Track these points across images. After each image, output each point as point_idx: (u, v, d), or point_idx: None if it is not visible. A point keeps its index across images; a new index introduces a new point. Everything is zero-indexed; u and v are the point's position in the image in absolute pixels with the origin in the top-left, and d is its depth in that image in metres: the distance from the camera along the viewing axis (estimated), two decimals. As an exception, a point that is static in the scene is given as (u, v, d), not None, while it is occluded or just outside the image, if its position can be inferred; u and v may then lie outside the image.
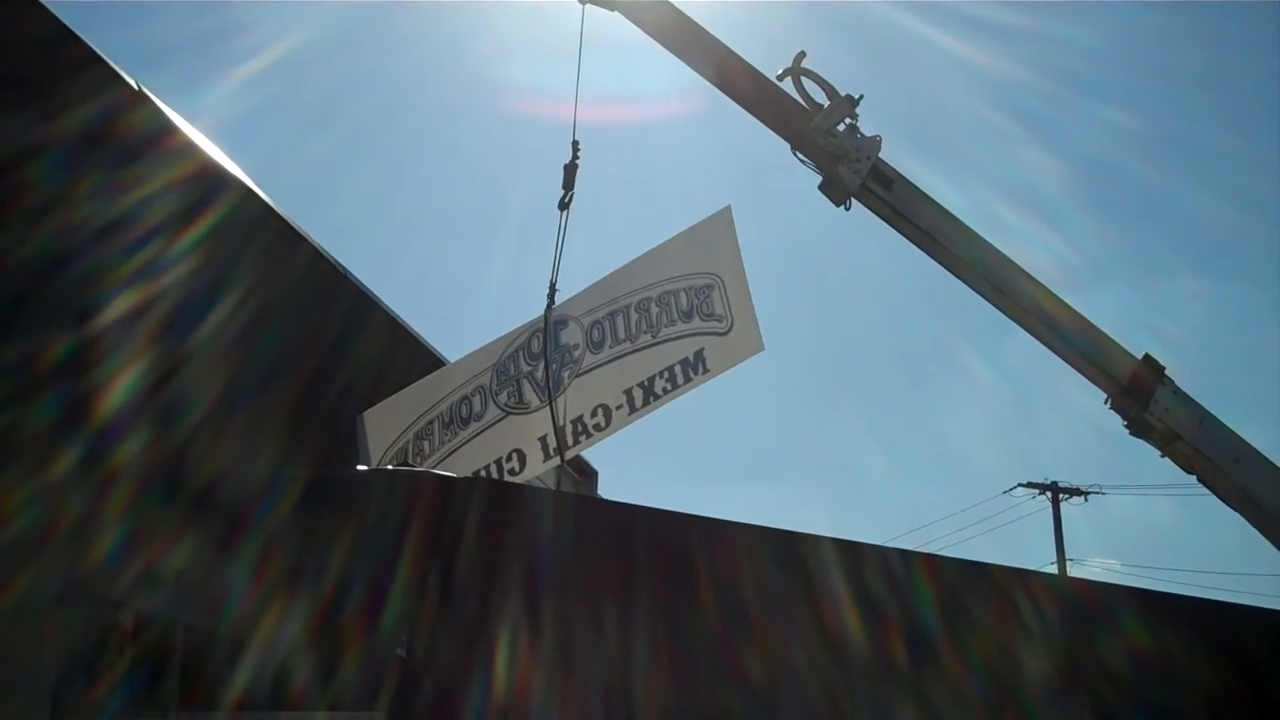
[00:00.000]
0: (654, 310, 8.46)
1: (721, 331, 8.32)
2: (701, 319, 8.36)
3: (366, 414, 9.13)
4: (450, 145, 44.54)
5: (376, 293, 9.65)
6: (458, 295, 50.82)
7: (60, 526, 8.62)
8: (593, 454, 17.97)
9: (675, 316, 8.42)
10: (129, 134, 7.15)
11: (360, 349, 8.86)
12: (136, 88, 7.30)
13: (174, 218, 7.61)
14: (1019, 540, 49.90)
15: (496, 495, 7.49)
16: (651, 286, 8.54)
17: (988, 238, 8.96)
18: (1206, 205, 49.01)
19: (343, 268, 9.12)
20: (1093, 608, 6.58)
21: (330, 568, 7.62)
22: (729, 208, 8.61)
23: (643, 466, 52.52)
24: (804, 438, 63.64)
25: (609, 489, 19.79)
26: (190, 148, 7.50)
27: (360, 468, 8.65)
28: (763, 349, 8.32)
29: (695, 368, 8.33)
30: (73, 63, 6.95)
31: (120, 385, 8.64)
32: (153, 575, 9.65)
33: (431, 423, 8.89)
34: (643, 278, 8.59)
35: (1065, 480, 35.31)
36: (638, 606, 6.54)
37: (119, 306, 7.88)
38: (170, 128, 7.35)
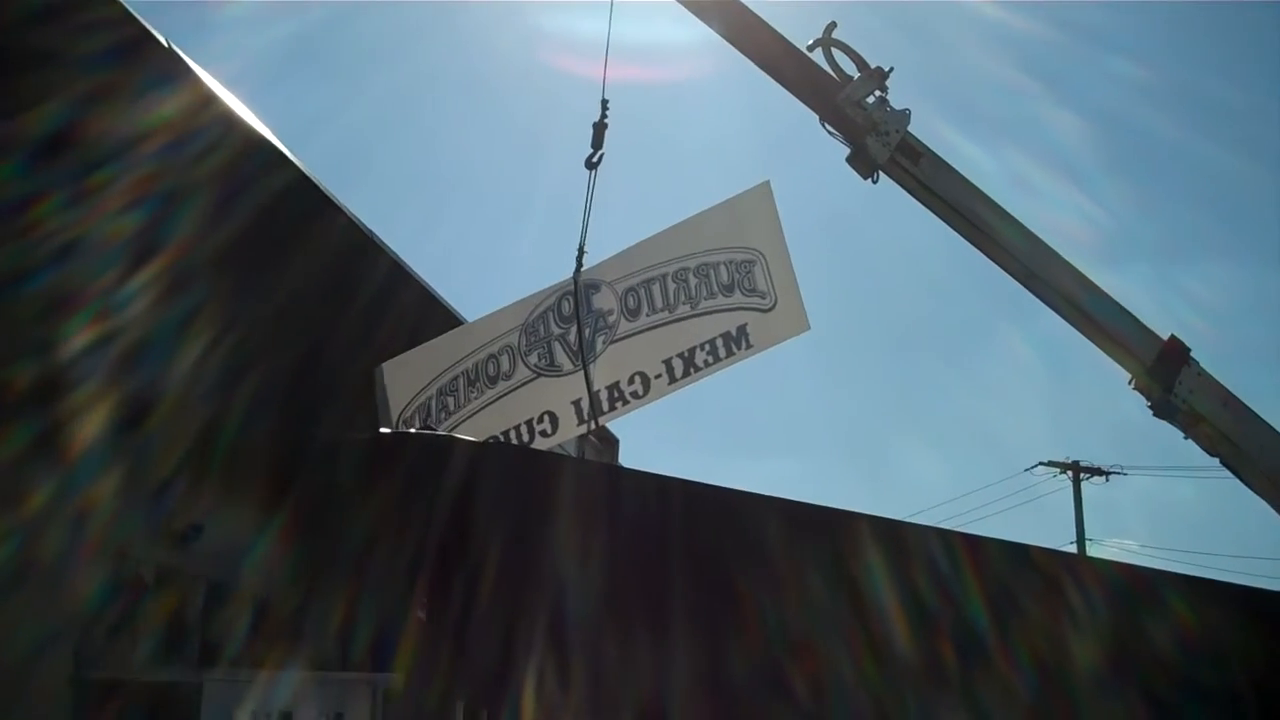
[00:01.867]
0: (692, 281, 8.38)
1: (765, 308, 8.24)
2: (743, 294, 8.28)
3: (385, 365, 8.99)
4: (484, 107, 44.12)
5: (408, 261, 9.64)
6: (489, 263, 50.43)
7: (81, 482, 8.67)
8: (613, 422, 17.90)
9: (715, 289, 8.33)
10: (167, 100, 7.10)
11: (392, 320, 8.84)
12: (166, 45, 7.26)
13: (205, 183, 7.58)
14: (1038, 519, 49.82)
15: (525, 462, 7.50)
16: (689, 257, 8.44)
17: (1018, 205, 8.94)
18: (1243, 174, 48.31)
19: (376, 238, 9.09)
20: (1138, 591, 6.61)
21: (352, 529, 7.68)
22: (768, 183, 8.48)
23: (665, 435, 52.29)
24: (824, 410, 63.16)
25: (629, 458, 19.66)
26: (226, 114, 7.44)
27: (384, 430, 8.64)
28: (808, 328, 8.24)
29: (739, 342, 8.24)
30: (107, 20, 6.92)
31: (149, 344, 8.66)
32: (174, 532, 9.74)
33: (456, 379, 8.80)
34: (678, 248, 8.48)
35: (1087, 460, 34.81)
36: (673, 583, 6.58)
37: (145, 275, 7.84)
38: (207, 95, 7.30)
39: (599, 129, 8.48)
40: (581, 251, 8.41)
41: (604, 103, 8.56)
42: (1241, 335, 49.72)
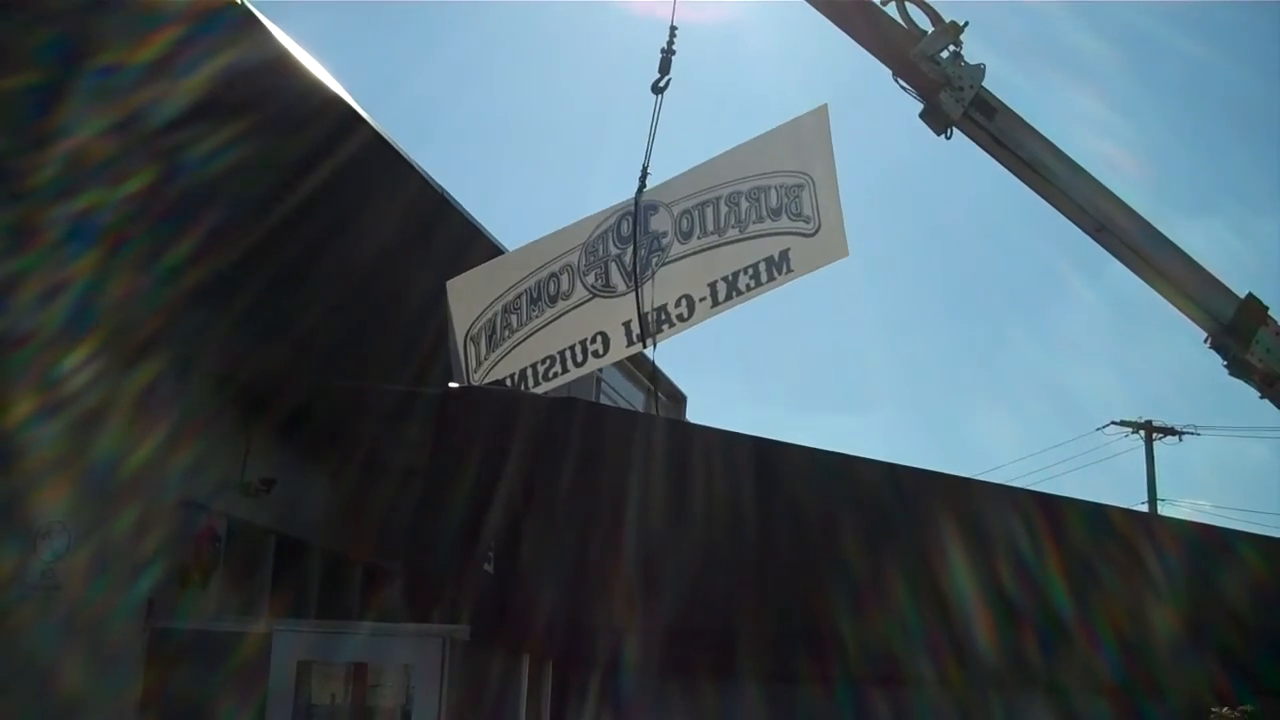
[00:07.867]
0: (744, 205, 8.38)
1: (808, 233, 8.20)
2: (789, 218, 8.25)
3: (451, 282, 9.24)
4: (549, 54, 43.58)
5: (479, 217, 9.63)
6: (557, 215, 49.97)
7: (157, 435, 8.77)
8: (681, 378, 17.88)
9: (764, 213, 8.33)
10: (239, 58, 7.07)
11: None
12: (240, 2, 7.21)
13: (281, 145, 7.56)
14: (1110, 478, 48.93)
15: (593, 419, 7.51)
16: (743, 180, 8.44)
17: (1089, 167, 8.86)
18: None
19: (449, 196, 9.10)
20: (1215, 550, 6.61)
21: (422, 482, 7.74)
22: (825, 106, 8.43)
23: (733, 390, 51.92)
24: (893, 366, 62.04)
25: (697, 413, 19.51)
26: (300, 73, 7.40)
27: (453, 385, 8.69)
28: (847, 254, 8.22)
29: (779, 267, 8.24)
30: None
31: (219, 302, 8.72)
32: (246, 485, 9.85)
33: (520, 296, 8.98)
34: (735, 170, 8.49)
35: (1160, 419, 33.46)
36: (742, 539, 6.61)
37: (213, 236, 7.86)
38: (280, 52, 7.26)
39: (666, 55, 8.62)
40: (645, 172, 8.57)
41: (672, 29, 8.67)
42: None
